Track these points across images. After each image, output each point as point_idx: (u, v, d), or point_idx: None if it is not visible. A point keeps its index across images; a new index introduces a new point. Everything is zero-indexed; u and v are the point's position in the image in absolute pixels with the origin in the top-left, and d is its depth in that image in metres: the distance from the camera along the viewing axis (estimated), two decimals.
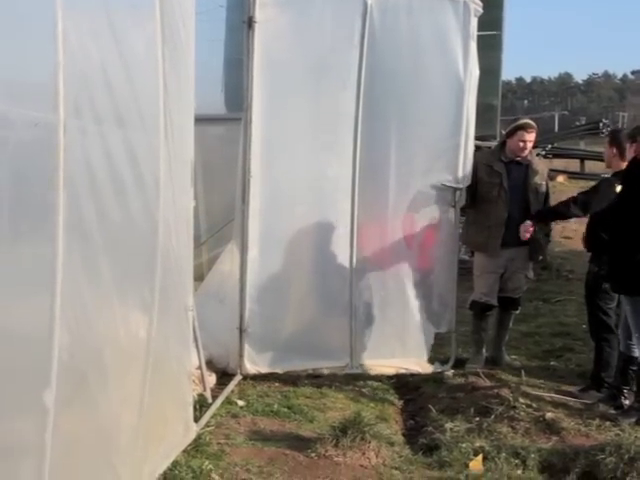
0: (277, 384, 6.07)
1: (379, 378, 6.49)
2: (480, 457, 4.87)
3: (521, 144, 6.60)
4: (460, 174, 6.51)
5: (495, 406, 5.57)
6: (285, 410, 5.50)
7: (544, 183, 6.82)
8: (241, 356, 6.16)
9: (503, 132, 12.87)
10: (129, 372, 3.63)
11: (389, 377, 6.57)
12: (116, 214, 3.39)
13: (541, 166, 7.00)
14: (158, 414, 3.99)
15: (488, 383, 6.18)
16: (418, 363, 6.67)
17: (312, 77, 6.24)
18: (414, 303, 6.63)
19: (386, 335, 6.65)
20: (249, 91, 6.02)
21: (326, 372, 6.40)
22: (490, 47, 11.31)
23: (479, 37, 6.52)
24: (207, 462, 4.44)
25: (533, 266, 7.13)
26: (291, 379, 6.18)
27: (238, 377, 6.07)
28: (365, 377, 6.45)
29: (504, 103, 12.47)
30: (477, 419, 5.46)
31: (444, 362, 6.75)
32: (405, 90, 6.38)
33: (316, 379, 6.25)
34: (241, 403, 5.58)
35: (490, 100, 11.42)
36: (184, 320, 4.49)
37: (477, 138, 7.67)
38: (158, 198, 3.83)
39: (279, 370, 6.25)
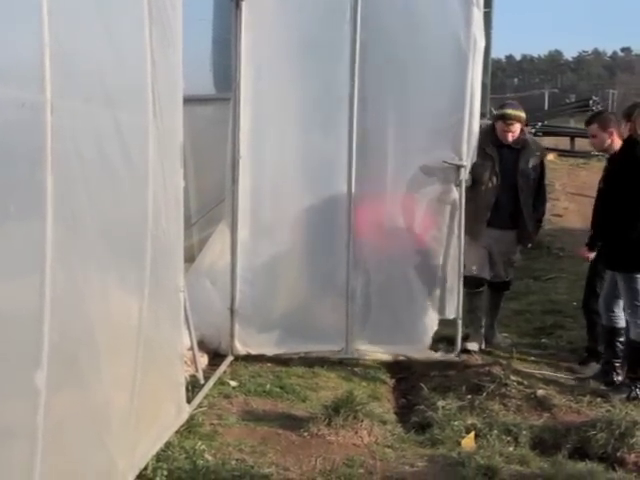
0: (269, 364, 6.06)
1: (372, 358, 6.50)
2: (472, 434, 4.90)
3: (503, 134, 6.54)
4: (464, 151, 6.16)
5: (486, 384, 5.60)
6: (277, 390, 5.51)
7: (538, 165, 6.73)
8: (232, 337, 6.14)
9: (494, 110, 12.80)
10: (120, 353, 3.62)
11: None
12: (105, 194, 3.37)
13: (535, 148, 6.86)
14: (150, 395, 3.98)
15: (479, 361, 6.20)
16: (419, 350, 6.41)
17: (303, 54, 6.11)
18: (415, 287, 6.38)
19: (384, 319, 6.39)
20: (237, 71, 5.97)
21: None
22: None
23: None
24: (200, 443, 4.45)
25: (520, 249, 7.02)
26: (283, 359, 6.18)
27: (230, 358, 6.06)
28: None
29: (494, 81, 12.40)
30: (469, 397, 5.50)
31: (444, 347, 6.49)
32: (403, 63, 6.12)
33: (308, 359, 6.25)
34: (233, 383, 5.59)
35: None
36: (175, 301, 4.47)
37: None
38: (147, 178, 3.81)
39: (269, 352, 6.18)
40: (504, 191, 6.50)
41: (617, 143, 5.95)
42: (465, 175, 6.22)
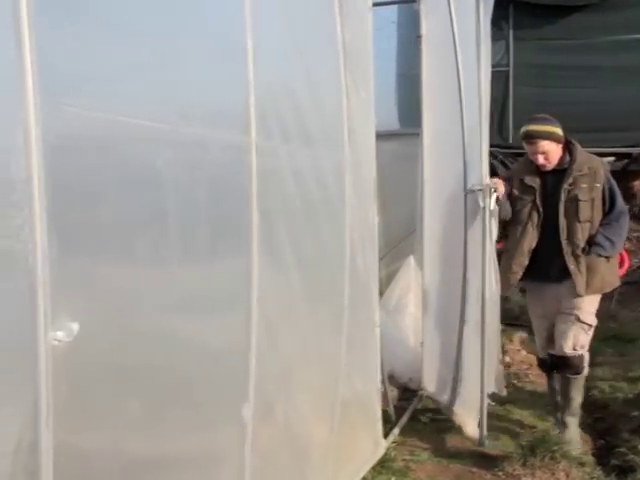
0: None
1: None
2: None
3: (532, 156, 5.14)
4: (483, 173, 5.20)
5: None
6: None
7: (596, 187, 5.03)
8: (422, 372, 6.06)
9: None
10: (321, 387, 3.68)
11: None
12: (305, 231, 3.46)
13: (590, 166, 5.08)
14: (349, 430, 4.02)
15: None
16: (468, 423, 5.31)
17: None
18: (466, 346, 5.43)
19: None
20: (421, 106, 5.97)
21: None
22: None
23: None
24: (393, 478, 4.46)
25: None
26: None
27: (420, 393, 6.00)
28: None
29: None
30: None
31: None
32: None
33: (499, 395, 6.09)
34: (424, 419, 5.53)
35: None
36: (371, 336, 4.50)
37: None
38: (344, 214, 3.88)
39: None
40: (550, 230, 5.07)
41: None
42: (489, 203, 5.06)
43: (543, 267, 5.11)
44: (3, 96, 1.80)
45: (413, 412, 5.63)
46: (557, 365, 5.26)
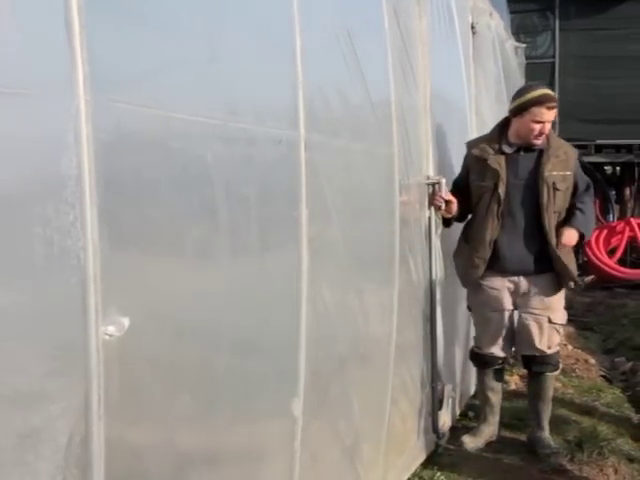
0: (506, 395, 5.88)
1: (613, 391, 6.22)
2: None
3: (536, 126, 4.50)
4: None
5: None
6: (517, 422, 5.34)
7: (571, 176, 4.62)
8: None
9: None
10: (371, 382, 3.68)
11: (624, 390, 6.28)
12: (355, 228, 3.44)
13: (566, 151, 4.68)
14: (399, 424, 4.02)
15: None
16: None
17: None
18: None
19: None
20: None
21: None
22: None
23: None
24: (439, 474, 4.46)
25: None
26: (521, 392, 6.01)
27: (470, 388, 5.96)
28: (598, 389, 6.20)
29: None
30: None
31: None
32: None
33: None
34: (472, 414, 5.50)
35: None
36: (423, 330, 4.49)
37: None
38: (395, 209, 3.87)
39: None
40: (516, 219, 4.64)
41: None
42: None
43: (506, 259, 4.66)
44: (54, 93, 1.81)
45: (462, 407, 5.59)
46: (533, 364, 4.88)
